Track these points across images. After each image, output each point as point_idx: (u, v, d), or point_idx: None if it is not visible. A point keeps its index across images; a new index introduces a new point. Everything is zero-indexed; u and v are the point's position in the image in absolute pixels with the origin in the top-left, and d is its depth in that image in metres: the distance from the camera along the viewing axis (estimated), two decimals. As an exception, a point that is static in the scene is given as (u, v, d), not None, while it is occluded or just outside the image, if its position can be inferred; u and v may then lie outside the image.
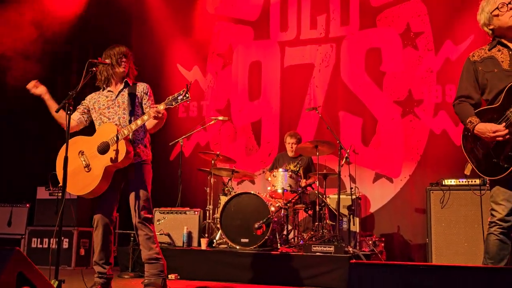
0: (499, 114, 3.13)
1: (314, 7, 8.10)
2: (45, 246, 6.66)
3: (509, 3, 3.19)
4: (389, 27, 7.64)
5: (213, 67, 8.57)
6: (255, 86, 8.28)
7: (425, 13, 7.45)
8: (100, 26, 8.03)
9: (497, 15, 3.23)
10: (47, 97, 4.07)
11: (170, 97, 3.83)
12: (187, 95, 3.78)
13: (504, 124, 3.08)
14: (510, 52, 3.24)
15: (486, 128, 3.11)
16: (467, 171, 3.37)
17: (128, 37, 8.80)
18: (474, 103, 3.33)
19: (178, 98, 3.79)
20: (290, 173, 6.17)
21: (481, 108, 3.27)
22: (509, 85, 3.11)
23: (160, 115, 3.85)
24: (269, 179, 6.33)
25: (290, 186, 6.10)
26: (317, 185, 6.21)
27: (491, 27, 3.31)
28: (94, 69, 4.00)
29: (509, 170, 3.06)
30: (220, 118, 7.01)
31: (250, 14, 8.47)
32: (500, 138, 3.07)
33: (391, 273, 2.18)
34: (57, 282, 3.44)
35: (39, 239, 6.73)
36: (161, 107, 3.83)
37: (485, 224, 5.40)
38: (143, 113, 4.10)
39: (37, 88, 4.07)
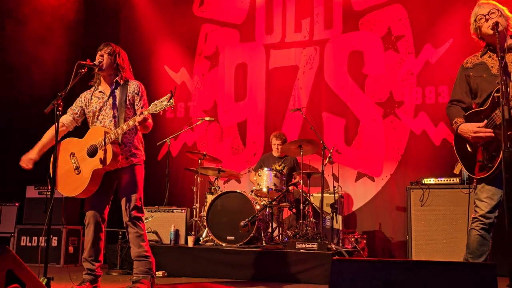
0: (486, 116, 3.21)
1: (298, 11, 8.12)
2: (34, 244, 6.61)
3: (486, 14, 3.27)
4: (371, 30, 7.68)
5: (200, 69, 8.56)
6: (241, 87, 8.28)
7: (406, 17, 7.51)
8: (88, 27, 7.98)
9: (479, 27, 3.33)
10: (39, 151, 4.10)
11: (156, 102, 3.80)
12: (171, 100, 3.75)
13: (485, 122, 3.16)
14: (499, 58, 3.30)
15: (467, 128, 3.21)
16: (457, 170, 3.43)
17: (116, 39, 8.73)
18: (465, 106, 3.46)
19: (163, 103, 3.77)
20: (275, 172, 6.19)
21: (471, 111, 3.35)
22: (495, 89, 3.19)
23: (145, 122, 3.85)
24: (255, 178, 6.34)
25: (275, 185, 6.11)
26: (301, 183, 6.23)
27: (480, 35, 3.40)
28: (83, 70, 3.97)
29: (492, 169, 3.12)
30: (207, 118, 7.01)
31: (236, 17, 8.47)
32: (481, 139, 3.14)
33: (371, 270, 2.20)
34: (46, 280, 3.42)
35: (28, 238, 6.68)
36: (145, 112, 3.81)
37: (456, 222, 5.49)
38: (135, 114, 4.07)
39: (30, 162, 4.08)
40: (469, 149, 3.28)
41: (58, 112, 3.67)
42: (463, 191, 5.57)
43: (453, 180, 5.65)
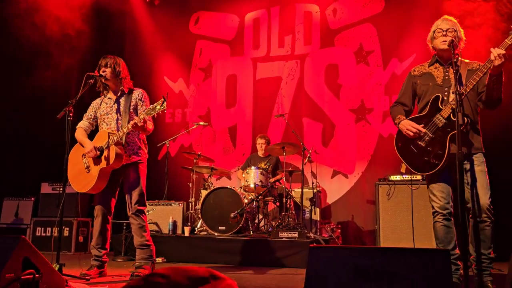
0: (428, 120, 3.23)
1: (281, 29, 8.15)
2: (48, 234, 6.56)
3: (445, 30, 3.27)
4: (345, 46, 7.72)
5: (195, 79, 8.55)
6: (231, 96, 8.28)
7: (375, 35, 7.55)
8: (98, 41, 7.94)
9: (434, 38, 3.33)
10: (88, 143, 4.04)
11: (151, 106, 3.81)
12: (164, 104, 3.75)
13: (423, 124, 3.21)
14: (444, 70, 3.32)
15: (406, 124, 3.27)
16: (403, 170, 3.44)
17: (121, 52, 8.71)
18: (408, 109, 3.50)
19: (157, 107, 3.77)
20: (261, 170, 6.20)
21: (414, 116, 3.37)
22: (433, 97, 3.23)
23: (140, 124, 3.83)
24: (244, 175, 6.34)
25: (261, 181, 6.13)
26: (284, 180, 6.25)
27: (432, 45, 3.40)
28: (91, 81, 3.97)
29: (439, 166, 3.14)
30: (201, 123, 7.00)
31: (228, 34, 8.47)
32: (412, 135, 3.24)
33: (344, 255, 2.21)
34: (58, 266, 3.41)
35: (42, 228, 6.62)
36: (141, 116, 3.81)
37: (421, 214, 5.53)
38: None
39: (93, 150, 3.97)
40: (415, 150, 3.29)
41: (69, 118, 3.67)
42: (410, 187, 5.64)
43: (415, 177, 5.69)
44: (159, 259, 5.35)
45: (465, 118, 3.09)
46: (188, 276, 1.66)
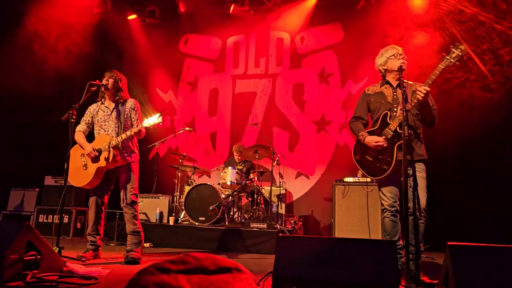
0: (380, 133, 3.27)
1: (257, 52, 8.15)
2: (50, 221, 6.37)
3: (400, 54, 3.31)
4: (310, 68, 7.77)
5: (183, 92, 8.45)
6: (213, 106, 8.22)
7: (335, 60, 7.63)
8: (99, 56, 7.81)
9: (392, 59, 3.34)
10: (88, 145, 3.92)
11: (149, 118, 3.79)
12: (160, 118, 3.76)
13: (383, 137, 3.22)
14: (393, 90, 3.35)
15: (371, 139, 3.26)
16: (359, 175, 3.47)
17: (120, 66, 8.57)
18: (364, 122, 3.49)
19: (154, 120, 3.76)
20: (237, 170, 6.17)
21: (368, 130, 3.38)
22: (382, 114, 3.26)
23: (138, 132, 3.83)
24: (222, 174, 6.29)
25: (236, 179, 6.09)
26: (256, 179, 6.22)
27: (385, 67, 3.40)
28: (93, 88, 3.88)
29: (388, 172, 3.17)
30: (187, 129, 6.91)
31: (212, 54, 8.42)
32: (380, 147, 3.21)
33: (307, 244, 2.20)
34: (58, 249, 3.30)
35: (45, 216, 6.43)
36: (140, 126, 3.81)
37: (370, 211, 5.59)
38: (132, 125, 4.01)
39: (93, 151, 3.86)
40: (369, 159, 3.31)
41: (72, 120, 3.58)
42: (365, 188, 5.71)
43: (366, 180, 5.75)
44: (146, 244, 5.25)
45: (410, 130, 3.13)
46: (215, 263, 1.63)
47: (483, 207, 5.91)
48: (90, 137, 4.08)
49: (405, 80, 3.20)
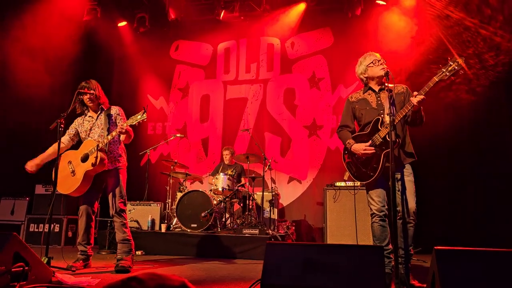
0: (368, 138, 3.26)
1: (248, 57, 8.18)
2: (40, 230, 6.30)
3: (379, 60, 3.34)
4: (300, 73, 7.81)
5: (174, 98, 8.45)
6: (204, 112, 8.22)
7: (326, 64, 7.67)
8: (89, 63, 7.76)
9: (372, 67, 3.36)
10: (42, 159, 3.91)
11: (133, 116, 3.72)
12: (144, 115, 3.67)
13: (369, 143, 3.23)
14: (376, 95, 3.37)
15: (359, 147, 3.26)
16: (346, 177, 3.46)
17: (111, 73, 8.57)
18: (351, 130, 3.48)
19: (138, 117, 3.70)
20: (228, 176, 6.15)
21: (357, 134, 3.39)
22: (374, 119, 3.26)
23: (123, 130, 3.72)
24: (213, 180, 6.28)
25: (228, 185, 6.07)
26: (247, 185, 6.22)
27: (366, 75, 3.42)
28: (81, 97, 3.88)
29: (373, 177, 3.18)
30: (178, 135, 6.91)
31: (202, 60, 8.43)
32: (368, 155, 3.21)
33: (295, 250, 2.20)
34: (47, 259, 3.26)
35: (35, 225, 6.36)
36: (125, 124, 3.71)
37: (361, 215, 5.60)
38: None
39: (34, 167, 3.90)
40: (357, 163, 3.31)
41: (60, 129, 3.56)
42: (352, 193, 5.73)
43: (356, 184, 5.76)
44: (138, 252, 5.22)
45: (397, 139, 3.14)
46: (160, 284, 1.61)
47: (474, 210, 5.95)
48: (78, 147, 4.05)
49: (386, 84, 3.24)
